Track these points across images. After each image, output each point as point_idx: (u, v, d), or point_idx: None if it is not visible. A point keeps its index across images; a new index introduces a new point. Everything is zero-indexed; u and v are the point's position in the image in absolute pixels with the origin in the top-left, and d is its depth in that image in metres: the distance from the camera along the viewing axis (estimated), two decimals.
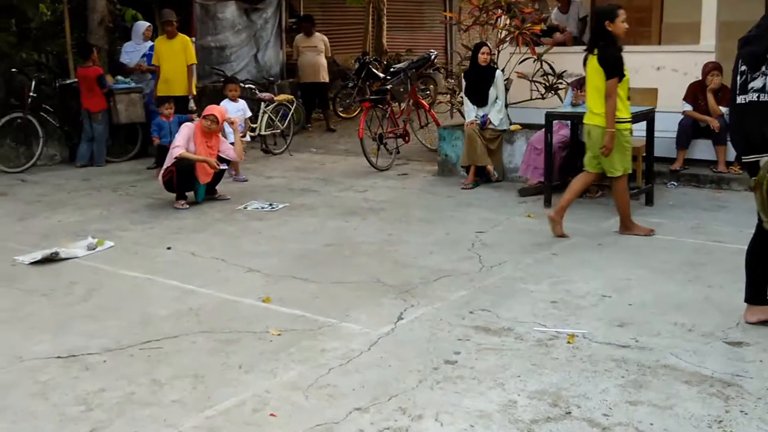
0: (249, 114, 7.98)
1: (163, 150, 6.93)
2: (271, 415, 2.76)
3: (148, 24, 8.99)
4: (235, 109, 7.57)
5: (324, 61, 10.64)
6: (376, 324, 3.62)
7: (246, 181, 7.30)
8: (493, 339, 3.38)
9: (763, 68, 3.29)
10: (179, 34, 8.25)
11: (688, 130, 6.72)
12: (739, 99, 3.41)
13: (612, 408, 2.76)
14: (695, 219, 5.52)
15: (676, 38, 8.28)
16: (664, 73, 7.06)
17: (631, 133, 5.19)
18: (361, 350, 3.32)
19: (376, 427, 2.65)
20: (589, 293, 4.03)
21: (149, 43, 8.71)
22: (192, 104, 8.17)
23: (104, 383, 3.06)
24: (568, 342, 3.38)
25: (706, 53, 6.85)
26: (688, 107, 6.77)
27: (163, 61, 8.13)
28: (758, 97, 3.31)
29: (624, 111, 5.09)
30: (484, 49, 7.00)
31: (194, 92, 8.33)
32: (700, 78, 6.73)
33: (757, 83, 3.32)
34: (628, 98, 5.18)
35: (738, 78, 3.43)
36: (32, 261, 4.78)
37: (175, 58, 8.11)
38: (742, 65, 3.41)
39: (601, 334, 3.47)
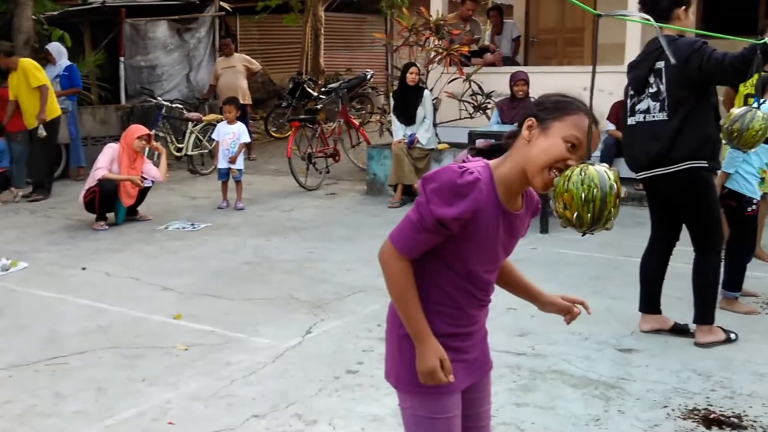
0: (246, 140, 7.33)
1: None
2: (170, 423, 2.81)
3: (56, 43, 8.75)
4: (226, 132, 7.14)
5: (244, 83, 9.92)
6: (284, 338, 3.69)
7: (243, 209, 6.94)
8: None
9: (647, 90, 3.51)
10: (19, 59, 7.62)
11: (612, 149, 7.00)
12: (630, 120, 3.65)
13: (499, 410, 2.89)
14: (610, 235, 5.77)
15: (605, 59, 8.70)
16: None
17: None
18: (266, 362, 3.38)
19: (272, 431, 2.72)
20: (496, 306, 4.10)
21: (65, 64, 8.54)
22: (41, 131, 7.45)
23: (8, 396, 3.07)
24: None
25: None
26: (612, 126, 7.11)
27: (15, 95, 7.61)
28: (644, 117, 3.53)
29: None
30: (413, 69, 7.21)
31: (45, 117, 7.46)
32: (623, 98, 7.09)
33: (642, 105, 3.55)
34: None
35: (628, 101, 3.67)
36: None
37: (21, 87, 7.52)
38: (630, 89, 3.65)
39: (501, 344, 3.62)
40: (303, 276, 4.81)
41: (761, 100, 3.57)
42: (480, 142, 6.50)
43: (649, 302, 3.75)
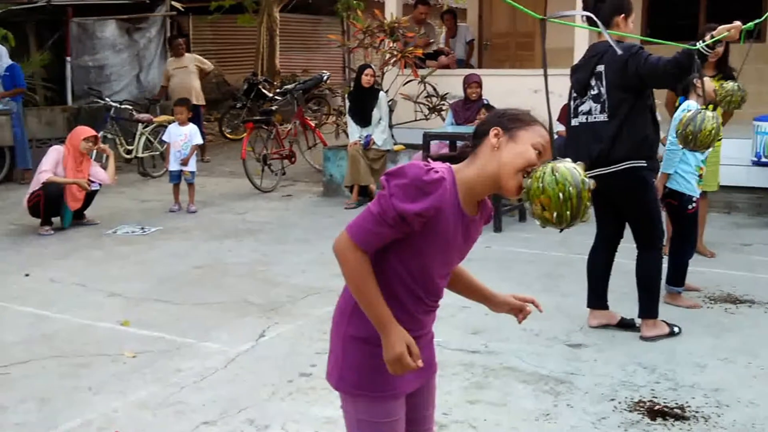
0: (199, 141, 7.21)
1: None
2: None
3: None
4: (178, 134, 6.99)
5: (197, 84, 9.71)
6: (236, 342, 3.64)
7: (195, 212, 6.82)
8: None
9: (589, 93, 3.62)
10: None
11: (562, 150, 7.15)
12: (573, 121, 3.75)
13: (452, 408, 2.91)
14: (563, 234, 5.89)
15: (555, 62, 8.84)
16: (541, 95, 7.50)
17: None
18: (217, 368, 3.33)
19: None
20: (450, 305, 4.16)
21: (6, 63, 8.23)
22: None
23: None
24: None
25: None
26: (562, 128, 7.24)
27: None
28: (586, 119, 3.65)
29: None
30: (368, 71, 7.22)
31: None
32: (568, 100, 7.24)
33: (584, 107, 3.66)
34: None
35: (571, 103, 3.77)
36: None
37: None
38: (573, 91, 3.75)
39: (455, 342, 3.65)
40: (256, 279, 4.75)
41: (685, 100, 3.74)
42: (434, 147, 6.52)
43: (597, 298, 3.84)
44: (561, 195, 1.50)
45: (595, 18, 2.09)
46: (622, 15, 3.55)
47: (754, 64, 8.91)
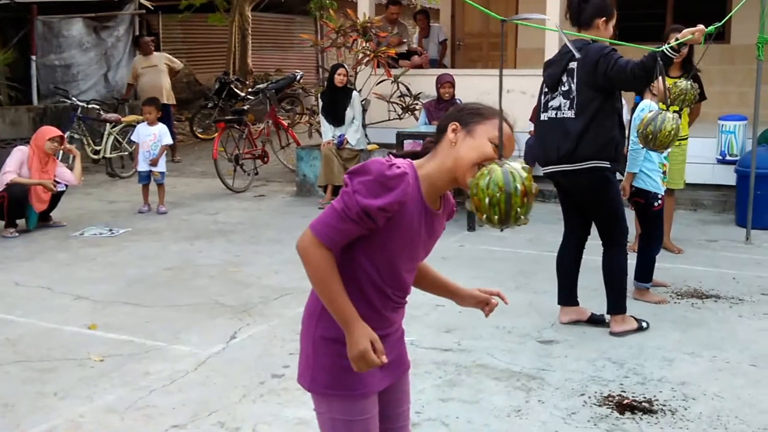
0: (168, 141, 7.04)
1: None
2: None
3: None
4: (146, 134, 6.89)
5: (168, 83, 9.54)
6: (206, 344, 3.60)
7: (166, 213, 6.73)
8: None
9: (560, 89, 3.64)
10: None
11: (534, 149, 7.21)
12: (542, 116, 3.77)
13: (425, 406, 2.92)
14: (535, 231, 5.95)
15: (528, 62, 8.91)
16: (514, 95, 7.56)
17: None
18: (187, 370, 3.28)
19: None
20: (424, 304, 4.22)
21: None
22: None
23: None
24: None
25: None
26: (532, 127, 7.30)
27: None
28: (555, 114, 3.67)
29: None
30: (341, 70, 7.20)
31: None
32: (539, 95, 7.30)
33: (554, 102, 3.68)
34: None
35: (541, 98, 3.79)
36: None
37: None
38: (544, 86, 3.77)
39: (428, 340, 3.66)
40: (228, 280, 4.70)
41: (641, 100, 3.84)
42: (408, 147, 6.51)
43: (567, 295, 3.88)
44: (488, 200, 1.53)
45: (548, 18, 2.13)
46: (603, 18, 3.60)
47: (719, 65, 9.12)
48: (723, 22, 3.96)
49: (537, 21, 2.08)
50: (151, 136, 6.91)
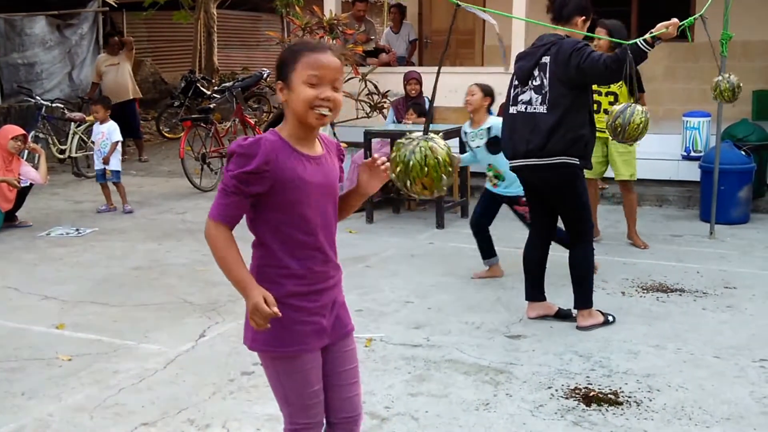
0: (117, 138, 6.86)
1: None
2: None
3: None
4: (96, 132, 6.88)
5: (131, 78, 9.45)
6: (175, 343, 3.57)
7: (132, 212, 6.68)
8: None
9: (531, 83, 3.65)
10: None
11: (502, 142, 7.23)
12: (511, 110, 3.77)
13: (394, 401, 2.94)
14: (504, 229, 6.02)
15: (493, 60, 8.94)
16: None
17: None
18: (157, 369, 3.26)
19: None
20: (394, 300, 4.26)
21: None
22: None
23: None
24: (366, 346, 3.55)
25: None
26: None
27: None
28: (525, 108, 3.67)
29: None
30: None
31: None
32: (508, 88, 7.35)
33: (525, 96, 3.68)
34: None
35: (511, 91, 3.81)
36: None
37: None
38: (515, 79, 3.79)
39: (397, 337, 3.68)
40: (197, 279, 4.67)
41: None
42: (376, 145, 6.55)
43: (534, 290, 3.92)
44: (397, 171, 1.96)
45: (495, 23, 2.38)
46: (583, 18, 3.65)
47: (683, 63, 9.32)
48: (698, 16, 4.04)
49: (490, 26, 2.21)
50: (100, 135, 6.85)
